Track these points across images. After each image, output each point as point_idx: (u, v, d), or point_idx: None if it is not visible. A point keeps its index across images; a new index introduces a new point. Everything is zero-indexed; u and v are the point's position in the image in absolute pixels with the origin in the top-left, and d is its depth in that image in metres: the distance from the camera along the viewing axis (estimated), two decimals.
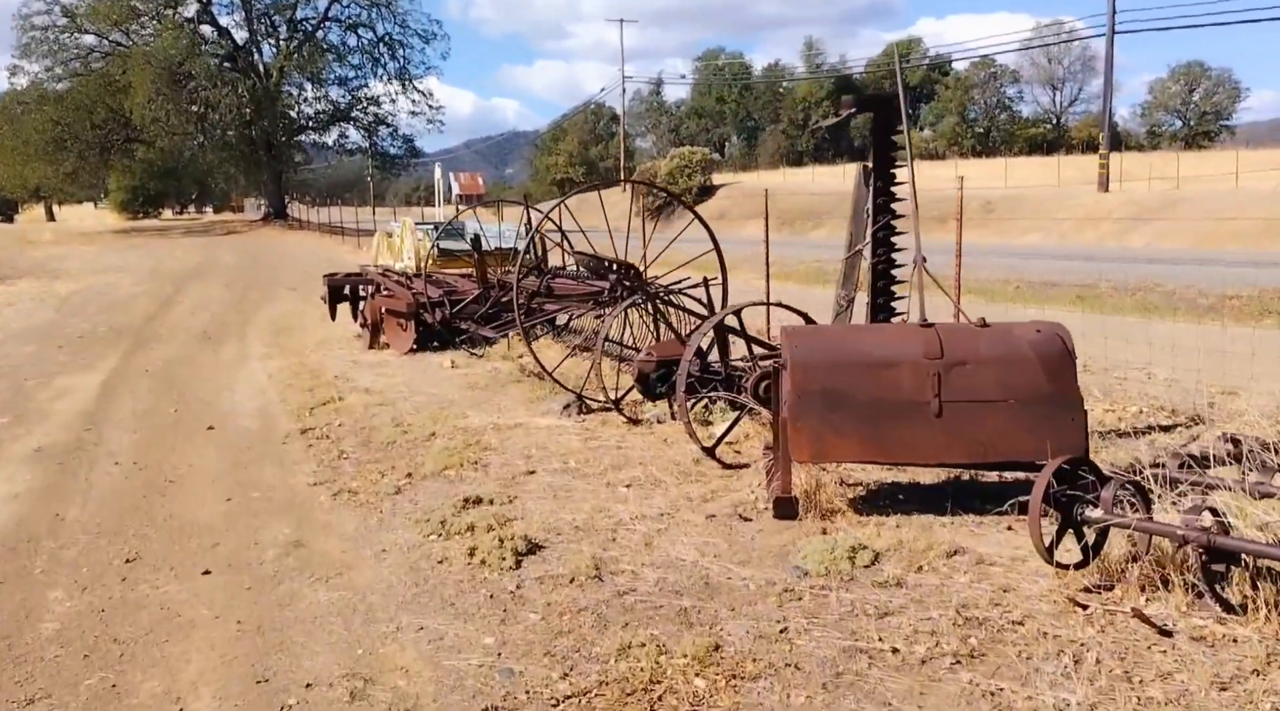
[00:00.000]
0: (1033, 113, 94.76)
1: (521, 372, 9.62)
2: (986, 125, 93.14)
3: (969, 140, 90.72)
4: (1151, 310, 13.20)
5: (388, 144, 61.74)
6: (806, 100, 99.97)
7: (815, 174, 67.46)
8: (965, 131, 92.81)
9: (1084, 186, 43.62)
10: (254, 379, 10.54)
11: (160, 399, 9.65)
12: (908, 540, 4.12)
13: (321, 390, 9.37)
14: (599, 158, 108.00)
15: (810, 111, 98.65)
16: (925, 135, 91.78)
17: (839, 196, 52.30)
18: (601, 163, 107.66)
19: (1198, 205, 37.92)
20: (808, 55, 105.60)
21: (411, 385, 9.38)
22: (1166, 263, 16.22)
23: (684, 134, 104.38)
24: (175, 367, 11.52)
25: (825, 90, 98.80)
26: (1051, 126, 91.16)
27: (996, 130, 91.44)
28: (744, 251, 12.85)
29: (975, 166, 61.25)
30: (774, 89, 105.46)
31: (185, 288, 22.57)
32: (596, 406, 7.73)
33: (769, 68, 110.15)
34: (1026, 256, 25.14)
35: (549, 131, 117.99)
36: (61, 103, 55.10)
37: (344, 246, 37.05)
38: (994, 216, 43.06)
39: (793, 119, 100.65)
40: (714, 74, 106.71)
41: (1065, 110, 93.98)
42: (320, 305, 17.20)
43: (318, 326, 14.57)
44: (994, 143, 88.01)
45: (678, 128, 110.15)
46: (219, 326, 15.39)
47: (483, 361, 10.50)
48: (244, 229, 58.09)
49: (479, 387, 9.05)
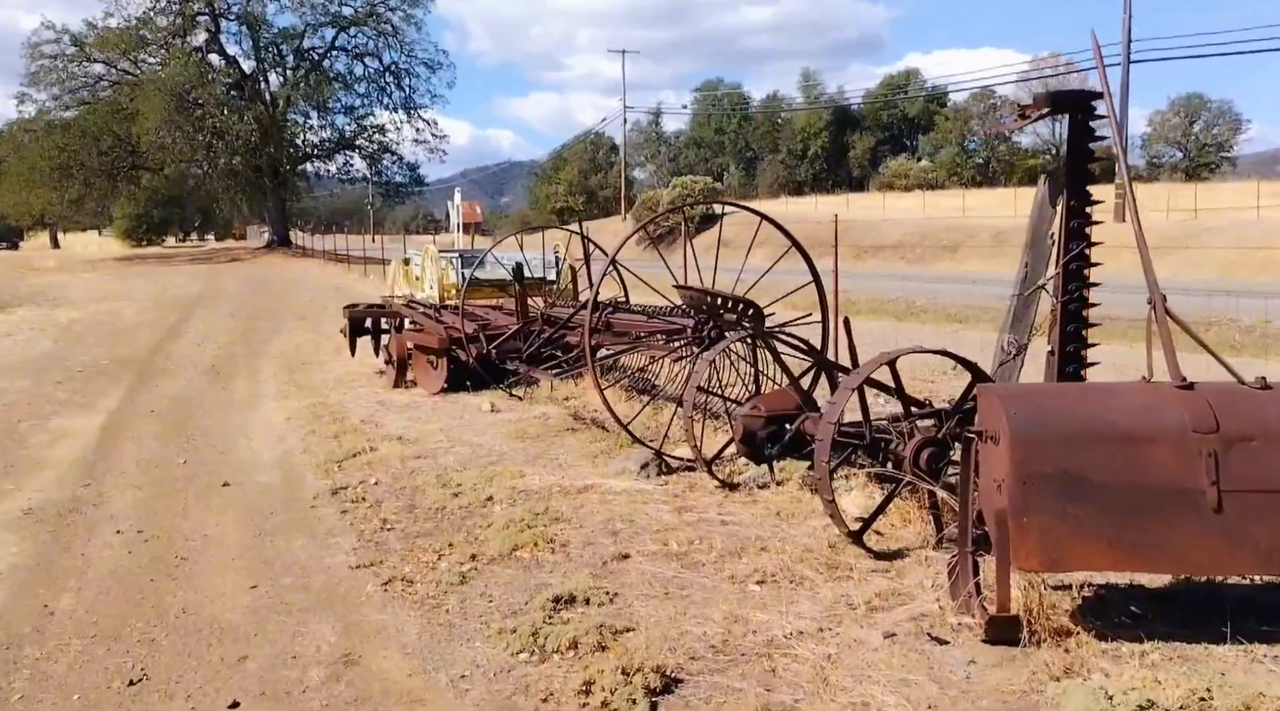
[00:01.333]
0: (1032, 143, 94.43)
1: (575, 419, 8.58)
2: (986, 156, 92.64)
3: (969, 170, 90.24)
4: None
5: (392, 172, 60.93)
6: (805, 130, 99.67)
7: (818, 203, 66.74)
8: (965, 162, 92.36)
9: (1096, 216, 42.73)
10: (271, 422, 9.48)
11: (167, 445, 8.59)
12: (1200, 689, 2.99)
13: (349, 438, 8.31)
14: (598, 187, 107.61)
15: (809, 142, 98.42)
16: (924, 165, 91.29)
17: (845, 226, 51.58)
18: (601, 192, 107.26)
19: (1222, 235, 37.02)
20: (805, 86, 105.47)
21: (451, 433, 8.32)
22: (1212, 294, 15.14)
23: (683, 163, 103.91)
24: (183, 407, 10.47)
25: (824, 120, 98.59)
26: (1051, 157, 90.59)
27: (996, 161, 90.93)
28: (769, 281, 11.80)
29: (977, 196, 60.55)
30: (772, 119, 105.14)
31: (190, 316, 21.56)
32: (677, 465, 6.67)
33: (768, 98, 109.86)
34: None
35: (549, 161, 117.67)
36: (68, 130, 54.53)
37: (349, 274, 36.10)
38: (1007, 246, 42.26)
39: (791, 148, 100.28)
40: (713, 104, 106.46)
41: (1064, 141, 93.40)
42: (336, 337, 16.20)
43: (334, 361, 13.52)
44: (993, 173, 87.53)
45: (676, 157, 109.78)
46: (228, 360, 14.34)
47: (525, 405, 9.45)
48: (247, 256, 57.17)
49: (530, 437, 7.99)
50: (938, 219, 51.34)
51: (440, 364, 10.01)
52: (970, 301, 19.80)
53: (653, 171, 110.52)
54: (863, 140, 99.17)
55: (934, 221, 50.64)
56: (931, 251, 43.51)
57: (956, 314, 18.34)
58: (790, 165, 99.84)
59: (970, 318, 17.70)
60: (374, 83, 59.63)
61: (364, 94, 60.16)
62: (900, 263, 44.34)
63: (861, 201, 67.20)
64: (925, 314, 19.23)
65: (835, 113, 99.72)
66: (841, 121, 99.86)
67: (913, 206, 58.80)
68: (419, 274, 15.79)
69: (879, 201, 64.34)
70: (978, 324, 15.70)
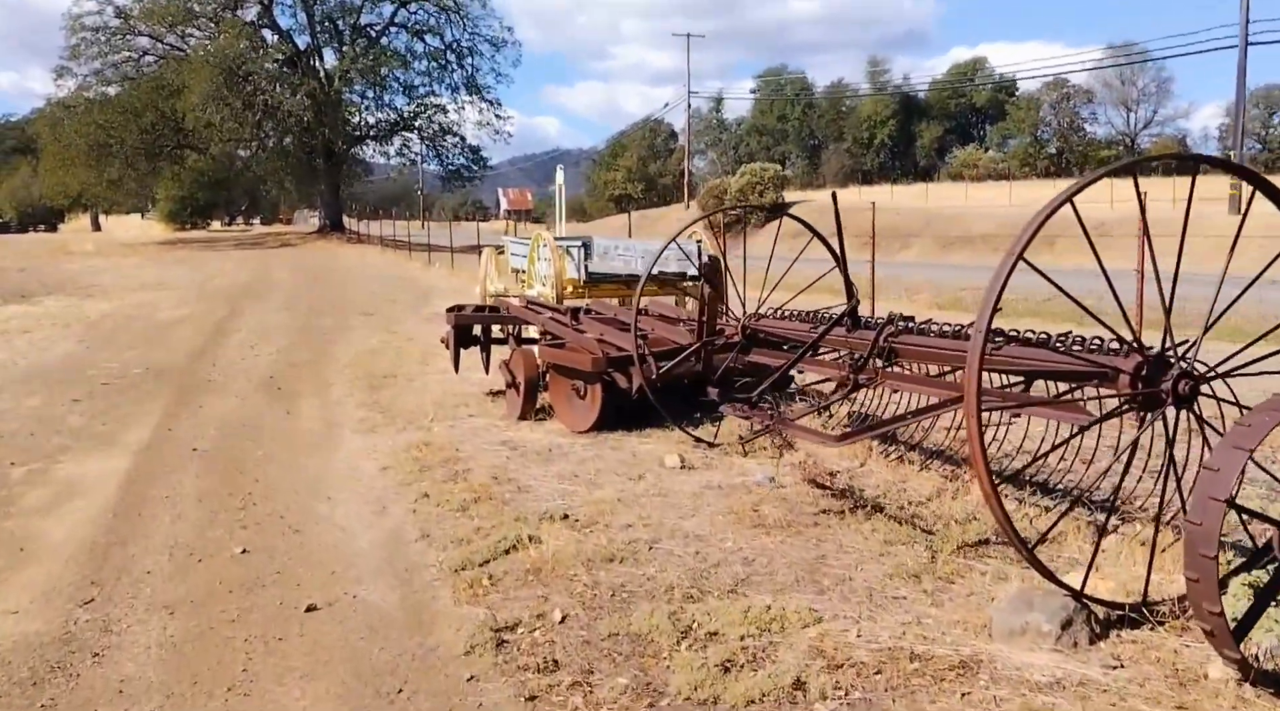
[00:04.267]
0: (1106, 134, 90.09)
1: (819, 488, 5.73)
2: (1059, 146, 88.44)
3: (1041, 160, 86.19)
4: None
5: (454, 155, 58.08)
6: (871, 119, 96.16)
7: (894, 193, 63.30)
8: (1038, 152, 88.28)
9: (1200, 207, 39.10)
10: (359, 472, 6.73)
11: (216, 516, 5.87)
12: None
13: (485, 511, 5.53)
14: (658, 174, 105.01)
15: (875, 130, 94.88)
16: (993, 155, 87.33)
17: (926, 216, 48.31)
18: (660, 179, 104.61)
19: None
20: (872, 73, 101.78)
21: (642, 510, 5.47)
22: None
23: (743, 152, 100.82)
24: (235, 443, 7.77)
25: (890, 109, 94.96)
26: (1125, 148, 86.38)
27: (1070, 151, 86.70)
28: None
29: (1049, 188, 56.69)
30: (837, 107, 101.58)
31: (239, 311, 18.97)
32: (1104, 610, 3.79)
33: (832, 85, 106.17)
34: (1192, 283, 20.80)
35: (608, 147, 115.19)
36: (109, 107, 51.86)
37: (412, 262, 33.51)
38: (1111, 238, 38.80)
39: (856, 137, 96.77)
40: (775, 91, 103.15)
41: (1139, 132, 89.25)
42: (418, 341, 13.49)
43: (423, 374, 10.78)
44: (1067, 164, 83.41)
45: (738, 145, 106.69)
46: (288, 370, 11.66)
47: (722, 456, 6.60)
48: (298, 242, 54.79)
49: (775, 526, 5.14)
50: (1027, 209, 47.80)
51: (592, 392, 7.20)
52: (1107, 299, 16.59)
53: (713, 159, 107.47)
54: (930, 129, 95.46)
55: (1025, 212, 47.11)
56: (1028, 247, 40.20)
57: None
58: (856, 154, 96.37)
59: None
60: (434, 60, 56.82)
61: (424, 72, 57.37)
62: (990, 255, 41.04)
63: (940, 191, 63.59)
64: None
65: (901, 101, 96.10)
66: (908, 110, 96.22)
67: (994, 197, 55.19)
68: (521, 266, 12.99)
69: (959, 191, 60.74)
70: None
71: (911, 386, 5.67)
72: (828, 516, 5.24)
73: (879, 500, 5.53)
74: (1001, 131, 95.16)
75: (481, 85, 56.87)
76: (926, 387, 5.45)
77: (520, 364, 7.84)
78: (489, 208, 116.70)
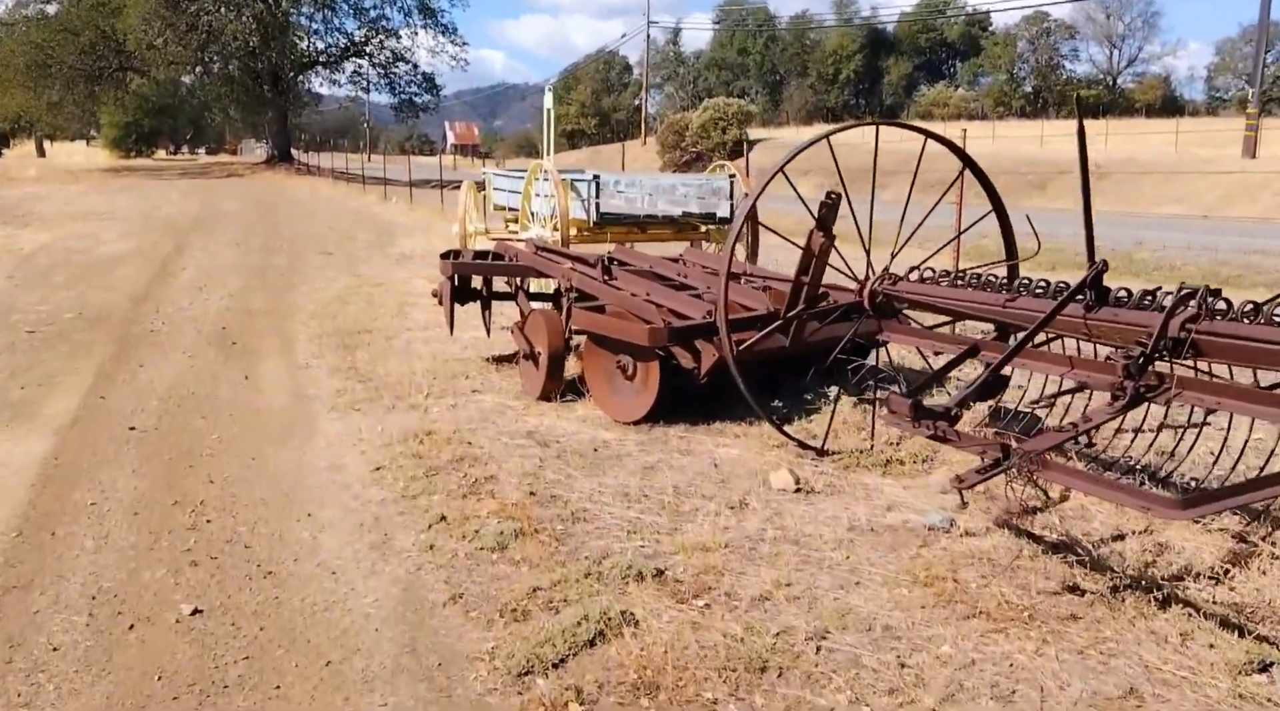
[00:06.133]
0: (1087, 73, 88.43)
1: (1054, 550, 4.17)
2: (1036, 84, 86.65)
3: (1017, 100, 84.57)
4: None
5: (406, 83, 55.09)
6: (837, 53, 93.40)
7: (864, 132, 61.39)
8: (1013, 91, 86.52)
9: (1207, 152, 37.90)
10: (347, 478, 5.15)
11: (156, 540, 4.31)
12: None
13: (537, 557, 4.01)
14: (612, 109, 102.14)
15: (840, 65, 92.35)
16: (964, 93, 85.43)
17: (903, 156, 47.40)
18: (614, 114, 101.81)
19: None
20: (838, 4, 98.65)
21: (772, 568, 3.92)
22: None
23: (702, 87, 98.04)
24: (182, 423, 6.15)
25: (856, 43, 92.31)
26: (1106, 89, 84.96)
27: (1048, 90, 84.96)
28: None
29: (1053, 127, 55.22)
30: (801, 40, 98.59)
31: (187, 245, 17.00)
32: None
33: (795, 17, 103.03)
34: (1210, 232, 19.51)
35: (560, 80, 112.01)
36: (47, 25, 48.84)
37: (367, 196, 31.42)
38: (1109, 183, 37.54)
39: (821, 72, 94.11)
40: (736, 23, 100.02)
41: (1121, 71, 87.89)
42: (388, 286, 11.83)
43: (399, 326, 9.20)
44: (1044, 104, 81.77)
45: (696, 80, 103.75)
46: (244, 320, 9.96)
47: (844, 472, 5.04)
48: (246, 172, 51.93)
49: (1014, 615, 3.54)
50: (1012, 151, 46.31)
51: (644, 372, 5.65)
52: (1117, 247, 15.19)
53: (670, 94, 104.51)
54: (898, 65, 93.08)
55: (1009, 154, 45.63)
56: (1016, 187, 38.84)
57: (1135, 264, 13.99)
58: (820, 90, 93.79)
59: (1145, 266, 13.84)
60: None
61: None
62: (976, 200, 39.63)
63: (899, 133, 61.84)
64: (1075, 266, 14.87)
65: (869, 35, 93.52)
66: (875, 44, 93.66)
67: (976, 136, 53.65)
68: (508, 203, 11.31)
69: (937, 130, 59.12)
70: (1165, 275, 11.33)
71: (1238, 404, 3.62)
72: (1084, 598, 3.66)
73: (1151, 571, 3.87)
74: (973, 68, 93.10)
75: (435, 9, 53.87)
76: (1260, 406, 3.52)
77: (542, 330, 6.25)
78: (435, 142, 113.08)
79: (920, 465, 5.01)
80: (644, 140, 66.70)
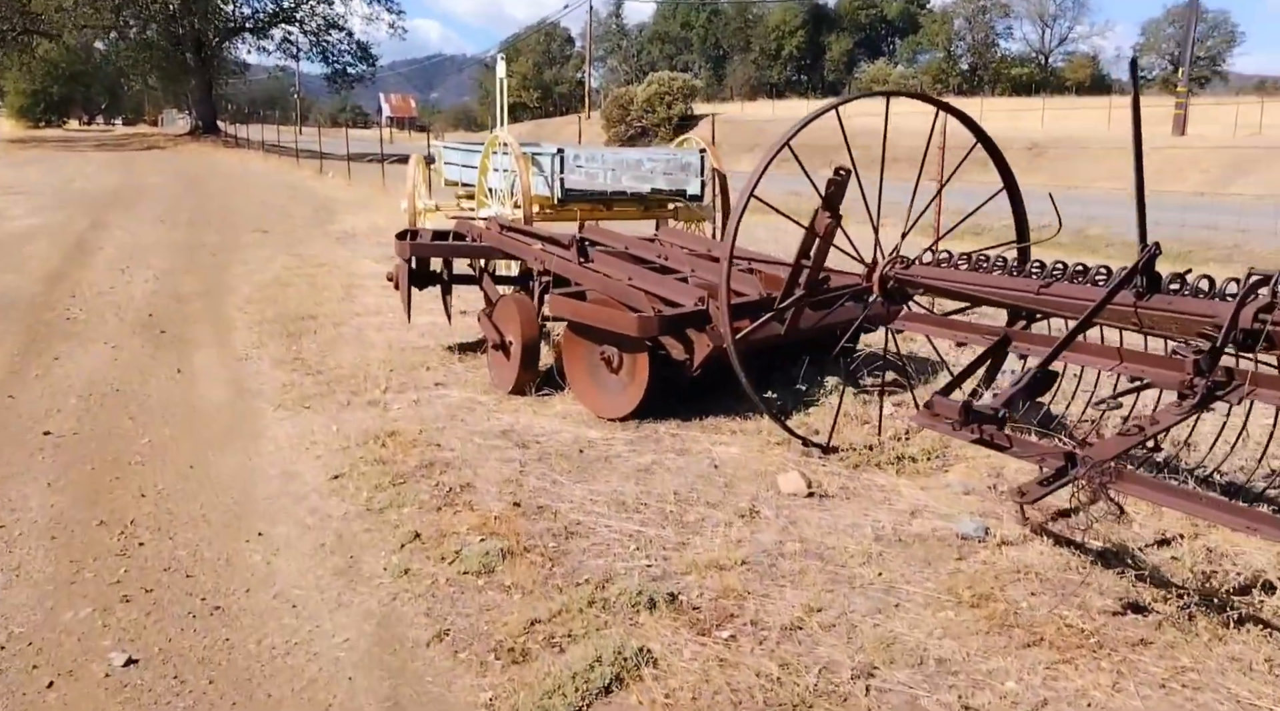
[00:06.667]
0: (1021, 51, 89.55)
1: (1103, 562, 3.69)
2: (973, 62, 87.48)
3: (954, 77, 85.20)
4: None
5: (340, 52, 53.25)
6: (779, 29, 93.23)
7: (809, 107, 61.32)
8: (950, 68, 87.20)
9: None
10: (302, 487, 4.55)
11: (79, 568, 3.71)
12: None
13: (529, 581, 3.49)
14: (554, 82, 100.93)
15: (783, 41, 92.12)
16: (903, 71, 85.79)
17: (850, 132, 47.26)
18: (557, 87, 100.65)
19: None
20: None
21: (797, 588, 3.42)
22: None
23: (645, 61, 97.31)
24: (107, 425, 5.47)
25: (799, 18, 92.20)
26: (1038, 67, 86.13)
27: (983, 68, 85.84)
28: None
29: (994, 104, 55.54)
30: (744, 15, 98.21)
31: (105, 222, 15.96)
32: None
33: None
34: (1150, 208, 19.59)
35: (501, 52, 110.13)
36: None
37: (301, 170, 30.24)
38: (1044, 159, 37.84)
39: (764, 48, 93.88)
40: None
41: (1053, 50, 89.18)
42: (331, 268, 11.10)
43: (347, 312, 8.54)
44: (979, 81, 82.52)
45: (639, 53, 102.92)
46: (173, 305, 9.19)
47: (853, 471, 4.54)
48: (168, 144, 49.78)
49: (1078, 642, 3.06)
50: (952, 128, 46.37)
51: (631, 364, 5.11)
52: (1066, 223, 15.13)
53: (613, 68, 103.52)
54: (840, 41, 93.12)
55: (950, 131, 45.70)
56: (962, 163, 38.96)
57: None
58: (763, 65, 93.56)
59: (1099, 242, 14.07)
60: None
61: None
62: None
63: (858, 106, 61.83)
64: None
65: (811, 10, 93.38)
66: (817, 20, 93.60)
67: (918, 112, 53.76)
68: (461, 179, 10.66)
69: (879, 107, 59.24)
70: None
71: None
72: (1149, 619, 3.22)
73: (1213, 583, 3.43)
74: (912, 45, 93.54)
75: None
76: None
77: (514, 318, 5.68)
78: (370, 114, 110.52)
79: (934, 463, 4.57)
80: (587, 114, 65.81)
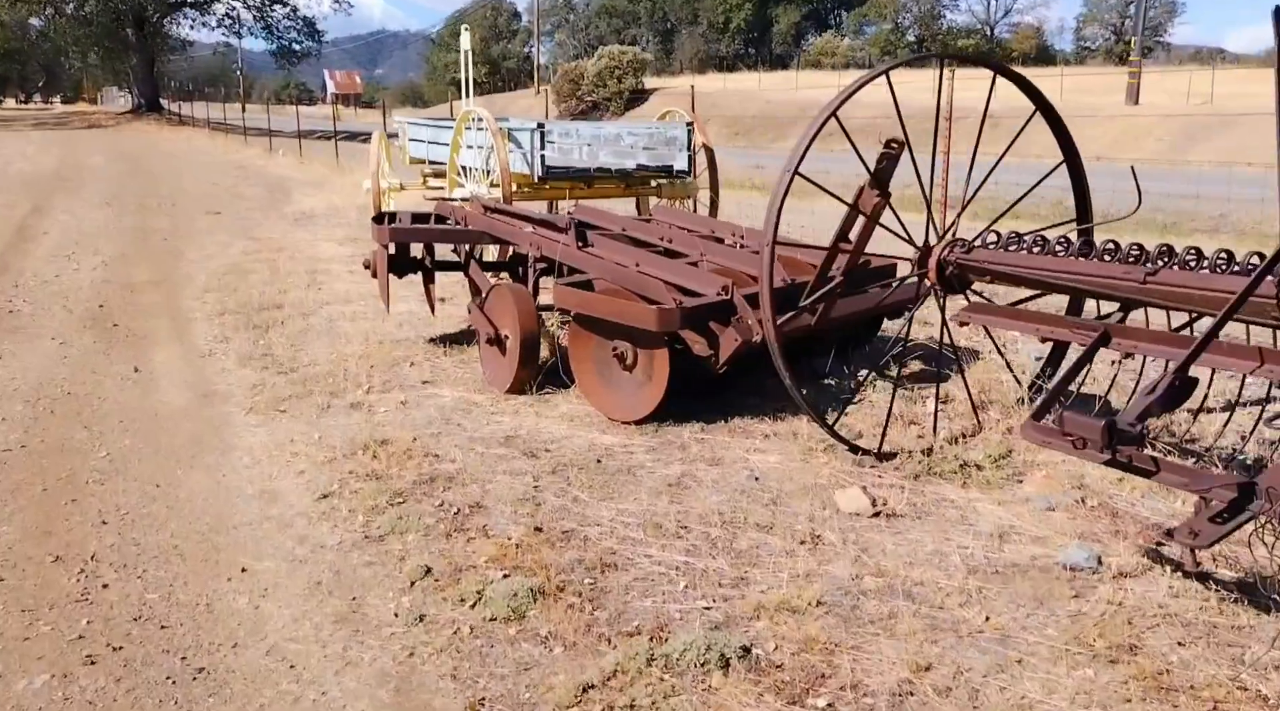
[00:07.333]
0: (967, 22, 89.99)
1: (1211, 585, 3.27)
2: (920, 33, 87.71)
3: (902, 49, 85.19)
4: None
5: (286, 28, 51.66)
6: (727, 2, 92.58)
7: (761, 80, 60.71)
8: (897, 40, 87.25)
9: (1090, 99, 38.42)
10: (286, 511, 4.01)
11: (33, 619, 3.14)
12: None
13: (569, 630, 3.01)
14: (501, 57, 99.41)
15: (731, 14, 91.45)
16: (851, 43, 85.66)
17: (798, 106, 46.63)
18: (504, 63, 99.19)
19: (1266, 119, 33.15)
20: None
21: (893, 641, 2.96)
22: None
23: (593, 35, 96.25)
24: (58, 436, 4.87)
25: None
26: (984, 38, 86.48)
27: (930, 40, 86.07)
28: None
29: (914, 77, 55.33)
30: None
31: (48, 206, 15.08)
32: None
33: None
34: (1112, 177, 19.32)
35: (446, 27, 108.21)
36: None
37: (250, 149, 29.15)
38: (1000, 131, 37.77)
39: (712, 21, 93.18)
40: None
41: (998, 21, 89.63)
42: (292, 252, 10.47)
43: (315, 300, 7.95)
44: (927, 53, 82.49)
45: (587, 27, 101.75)
46: (125, 295, 8.52)
47: (913, 482, 4.11)
48: (110, 123, 48.10)
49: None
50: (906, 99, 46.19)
51: (648, 361, 4.62)
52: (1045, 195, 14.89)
53: (561, 42, 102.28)
54: (787, 14, 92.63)
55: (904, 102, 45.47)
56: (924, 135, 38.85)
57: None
58: (711, 39, 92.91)
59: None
60: None
61: None
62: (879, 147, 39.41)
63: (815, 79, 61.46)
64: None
65: None
66: None
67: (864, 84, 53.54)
68: (429, 157, 10.06)
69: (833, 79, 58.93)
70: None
71: None
72: None
73: None
74: (858, 18, 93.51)
75: None
76: None
77: (510, 310, 5.15)
78: (315, 91, 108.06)
79: (1002, 471, 4.13)
80: (537, 89, 64.80)
